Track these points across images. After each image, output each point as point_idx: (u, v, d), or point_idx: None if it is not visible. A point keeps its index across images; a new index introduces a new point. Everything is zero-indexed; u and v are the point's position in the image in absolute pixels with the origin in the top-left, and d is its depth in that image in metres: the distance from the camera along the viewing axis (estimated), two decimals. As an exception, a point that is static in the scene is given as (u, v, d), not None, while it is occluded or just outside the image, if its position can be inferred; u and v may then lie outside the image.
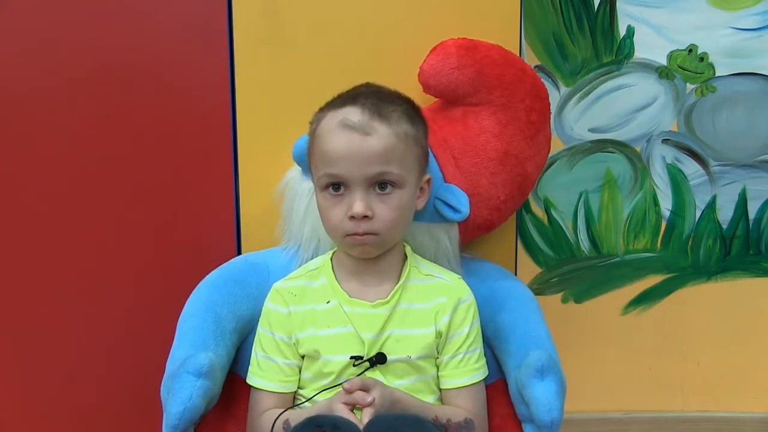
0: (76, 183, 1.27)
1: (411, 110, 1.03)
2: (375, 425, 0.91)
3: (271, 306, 1.07)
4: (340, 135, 0.97)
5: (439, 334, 1.04)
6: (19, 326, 1.30)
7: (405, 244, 1.09)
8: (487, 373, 1.08)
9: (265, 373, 1.04)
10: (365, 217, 0.97)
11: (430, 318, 1.04)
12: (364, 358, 1.01)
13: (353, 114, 0.98)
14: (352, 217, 0.97)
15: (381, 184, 0.98)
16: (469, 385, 1.05)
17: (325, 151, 0.98)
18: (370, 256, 1.02)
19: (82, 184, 1.27)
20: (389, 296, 1.03)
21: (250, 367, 1.06)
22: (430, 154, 1.10)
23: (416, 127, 1.02)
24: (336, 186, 0.98)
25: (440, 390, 1.06)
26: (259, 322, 1.08)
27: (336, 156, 0.97)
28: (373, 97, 1.00)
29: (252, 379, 1.05)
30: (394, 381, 1.02)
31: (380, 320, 1.02)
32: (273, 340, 1.05)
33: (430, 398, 1.05)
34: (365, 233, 0.98)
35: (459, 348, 1.05)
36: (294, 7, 1.22)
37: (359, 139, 0.97)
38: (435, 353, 1.05)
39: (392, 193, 0.99)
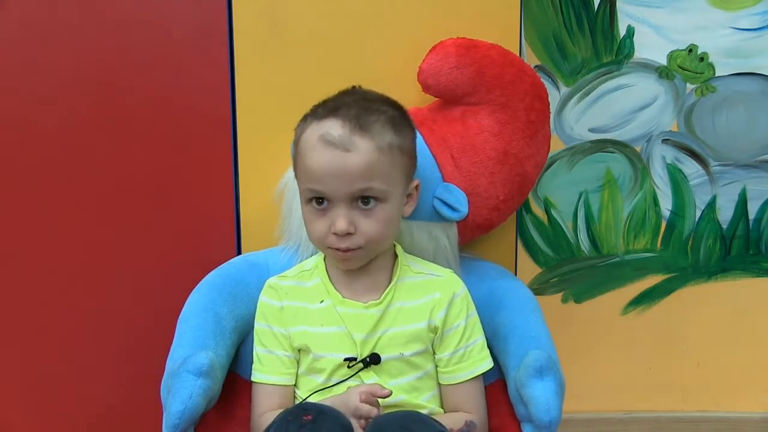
0: (75, 183, 1.27)
1: (396, 117, 1.01)
2: (383, 422, 0.91)
3: (265, 300, 1.07)
4: (321, 152, 0.96)
5: (434, 329, 1.04)
6: (19, 326, 1.30)
7: (396, 243, 1.09)
8: (492, 364, 1.08)
9: (267, 368, 1.05)
10: (348, 233, 0.97)
11: (424, 314, 1.04)
12: (358, 359, 1.01)
13: (334, 128, 0.96)
14: (336, 233, 0.97)
15: (364, 199, 0.98)
16: (470, 380, 1.05)
17: (308, 167, 0.98)
18: (353, 268, 1.02)
19: (81, 184, 1.27)
20: (382, 297, 1.03)
21: (253, 365, 1.06)
22: (430, 154, 1.10)
23: (401, 135, 1.00)
24: (319, 200, 0.99)
25: (439, 386, 1.06)
26: (255, 318, 1.08)
27: (318, 173, 0.97)
28: (355, 107, 0.98)
29: (256, 375, 1.05)
30: (389, 381, 1.01)
31: (372, 320, 1.02)
32: (271, 333, 1.05)
33: (427, 395, 1.05)
34: (348, 249, 0.98)
35: (458, 343, 1.05)
36: (294, 8, 1.22)
37: (340, 156, 0.95)
38: (429, 349, 1.05)
39: (375, 207, 0.98)
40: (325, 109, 1.00)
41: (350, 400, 0.94)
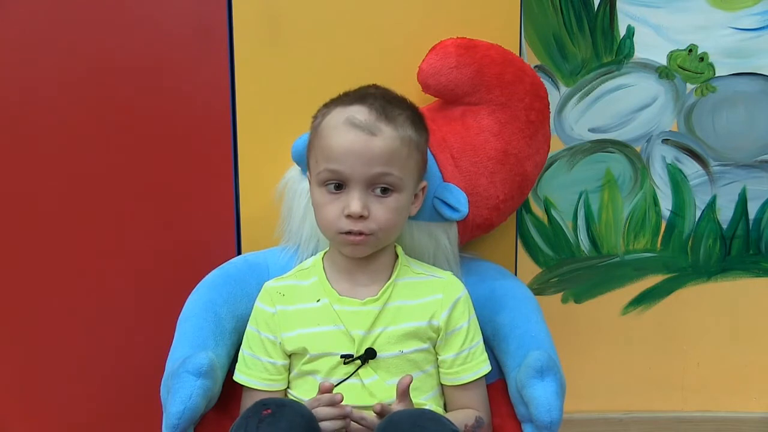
0: (76, 183, 1.27)
1: (415, 116, 1.04)
2: (397, 419, 0.91)
3: (259, 305, 1.07)
4: (346, 132, 0.98)
5: (437, 330, 1.04)
6: (19, 326, 1.30)
7: (396, 244, 1.09)
8: (490, 368, 1.08)
9: (251, 371, 1.05)
10: (361, 216, 0.97)
11: (425, 313, 1.04)
12: (354, 356, 1.01)
13: (361, 113, 0.98)
14: (349, 216, 0.97)
15: (381, 187, 0.99)
16: (474, 381, 1.05)
17: (329, 146, 0.99)
18: (361, 256, 1.02)
19: (82, 184, 1.27)
20: (379, 294, 1.03)
21: (237, 364, 1.07)
22: (429, 154, 1.10)
23: (419, 133, 1.03)
24: (337, 185, 0.99)
25: (442, 386, 1.06)
26: (248, 321, 1.08)
27: (339, 152, 0.97)
28: (381, 99, 1.00)
29: (237, 375, 1.06)
30: (388, 379, 1.01)
31: (370, 317, 1.02)
32: (259, 339, 1.05)
33: (428, 395, 1.05)
34: (360, 233, 0.98)
35: (463, 344, 1.05)
36: (294, 8, 1.22)
37: (364, 138, 0.97)
38: (430, 347, 1.05)
39: (390, 195, 0.99)
40: (350, 97, 1.02)
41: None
